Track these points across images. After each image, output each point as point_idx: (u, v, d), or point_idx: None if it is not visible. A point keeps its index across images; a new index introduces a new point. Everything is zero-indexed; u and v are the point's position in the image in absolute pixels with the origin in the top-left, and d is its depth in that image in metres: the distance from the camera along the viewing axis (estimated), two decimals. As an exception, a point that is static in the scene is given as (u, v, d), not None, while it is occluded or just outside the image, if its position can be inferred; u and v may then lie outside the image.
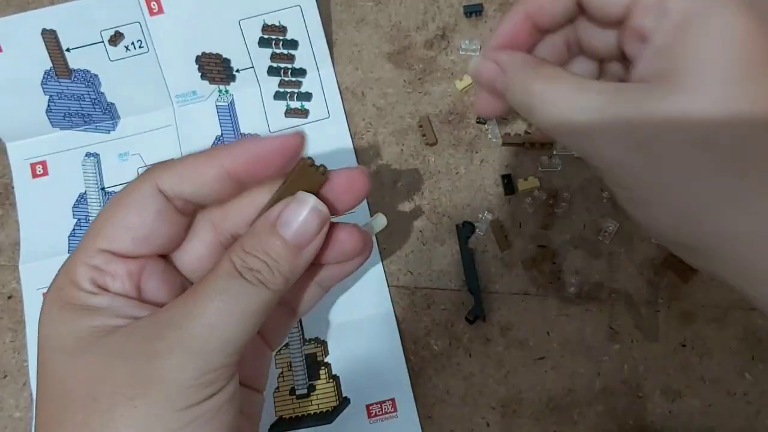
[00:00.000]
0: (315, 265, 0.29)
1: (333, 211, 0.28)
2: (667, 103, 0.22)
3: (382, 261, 0.44)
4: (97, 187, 0.47)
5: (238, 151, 0.26)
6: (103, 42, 0.46)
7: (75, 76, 0.47)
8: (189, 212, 0.28)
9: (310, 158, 0.27)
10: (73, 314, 0.25)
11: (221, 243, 0.29)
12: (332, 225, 0.28)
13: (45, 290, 0.44)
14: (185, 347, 0.23)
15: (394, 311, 0.43)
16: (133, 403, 0.23)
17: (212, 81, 0.47)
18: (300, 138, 0.26)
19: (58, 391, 0.24)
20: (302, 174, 0.27)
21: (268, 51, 0.47)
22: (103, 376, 0.23)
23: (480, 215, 0.43)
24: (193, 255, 0.29)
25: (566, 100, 0.24)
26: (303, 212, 0.26)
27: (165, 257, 0.28)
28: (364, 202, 0.45)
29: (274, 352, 0.39)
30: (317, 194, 0.27)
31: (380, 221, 0.32)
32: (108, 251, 0.26)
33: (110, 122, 0.48)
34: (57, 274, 0.26)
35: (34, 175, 0.47)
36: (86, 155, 0.47)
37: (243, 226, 0.28)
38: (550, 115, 0.25)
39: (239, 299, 0.24)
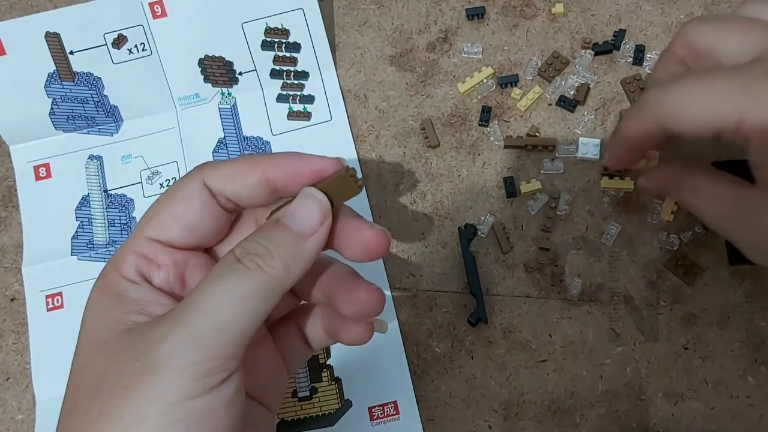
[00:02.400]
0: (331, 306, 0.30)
1: (335, 248, 0.28)
2: None
3: (384, 264, 0.44)
4: (100, 190, 0.47)
5: (280, 163, 0.27)
6: (106, 45, 0.47)
7: (78, 79, 0.47)
8: (231, 210, 0.29)
9: (352, 168, 0.27)
10: (106, 302, 0.26)
11: None
12: (358, 280, 0.29)
13: (48, 292, 0.44)
14: (177, 333, 0.23)
15: (396, 314, 0.43)
16: (127, 394, 0.23)
17: (215, 84, 0.47)
18: (340, 165, 0.27)
19: (76, 381, 0.25)
20: (338, 181, 0.27)
21: (271, 54, 0.47)
22: (108, 368, 0.24)
23: (482, 218, 0.44)
24: None
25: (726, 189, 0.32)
26: (305, 203, 0.26)
27: (209, 253, 0.29)
28: (368, 207, 0.45)
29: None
30: (337, 209, 0.27)
31: (382, 326, 0.32)
32: (156, 240, 0.27)
33: (113, 125, 0.48)
34: (107, 262, 0.27)
35: (38, 178, 0.47)
36: (89, 158, 0.47)
37: None
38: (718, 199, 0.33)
39: (234, 284, 0.24)
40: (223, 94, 0.48)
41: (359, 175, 0.28)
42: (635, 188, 0.42)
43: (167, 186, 0.46)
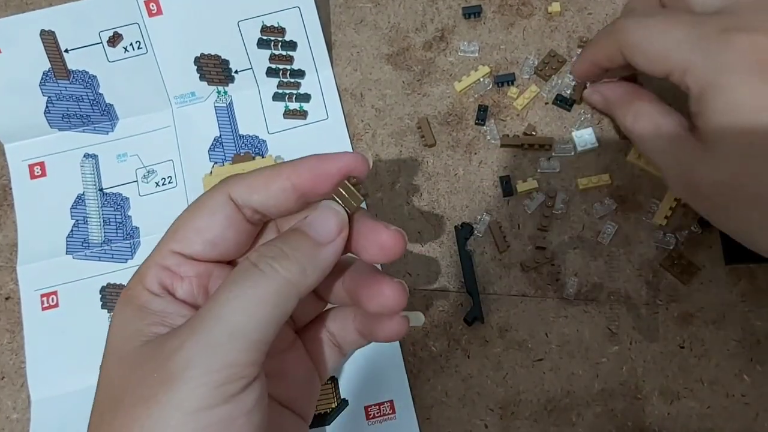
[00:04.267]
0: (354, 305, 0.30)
1: (353, 252, 0.28)
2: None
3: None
4: (96, 188, 0.47)
5: (303, 166, 0.27)
6: (101, 43, 0.46)
7: (74, 77, 0.47)
8: (256, 222, 0.29)
9: (354, 178, 0.28)
10: (129, 315, 0.26)
11: None
12: (379, 276, 0.29)
13: (43, 291, 0.44)
14: (193, 342, 0.23)
15: (393, 313, 0.42)
16: (147, 405, 0.23)
17: (211, 82, 0.47)
18: (363, 159, 0.28)
19: (101, 394, 0.25)
20: (342, 192, 0.27)
21: (267, 52, 0.47)
22: (129, 379, 0.24)
23: (478, 217, 0.44)
24: None
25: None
26: (323, 213, 0.27)
27: (233, 264, 0.29)
28: (364, 206, 0.44)
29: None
30: (351, 217, 0.28)
31: (418, 318, 0.32)
32: (179, 253, 0.27)
33: (109, 123, 0.48)
34: (133, 276, 0.27)
35: (32, 176, 0.47)
36: (84, 156, 0.47)
37: None
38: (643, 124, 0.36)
39: (248, 288, 0.24)
40: (218, 92, 0.48)
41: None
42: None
43: (162, 185, 0.46)
